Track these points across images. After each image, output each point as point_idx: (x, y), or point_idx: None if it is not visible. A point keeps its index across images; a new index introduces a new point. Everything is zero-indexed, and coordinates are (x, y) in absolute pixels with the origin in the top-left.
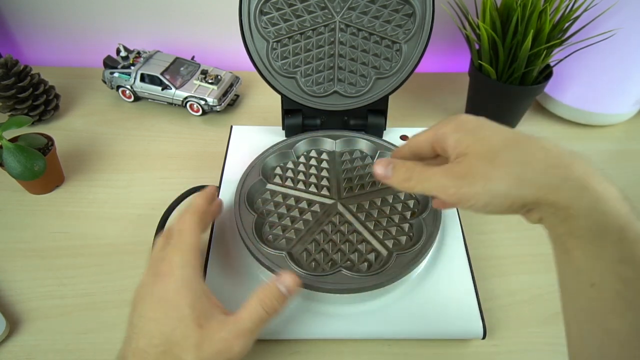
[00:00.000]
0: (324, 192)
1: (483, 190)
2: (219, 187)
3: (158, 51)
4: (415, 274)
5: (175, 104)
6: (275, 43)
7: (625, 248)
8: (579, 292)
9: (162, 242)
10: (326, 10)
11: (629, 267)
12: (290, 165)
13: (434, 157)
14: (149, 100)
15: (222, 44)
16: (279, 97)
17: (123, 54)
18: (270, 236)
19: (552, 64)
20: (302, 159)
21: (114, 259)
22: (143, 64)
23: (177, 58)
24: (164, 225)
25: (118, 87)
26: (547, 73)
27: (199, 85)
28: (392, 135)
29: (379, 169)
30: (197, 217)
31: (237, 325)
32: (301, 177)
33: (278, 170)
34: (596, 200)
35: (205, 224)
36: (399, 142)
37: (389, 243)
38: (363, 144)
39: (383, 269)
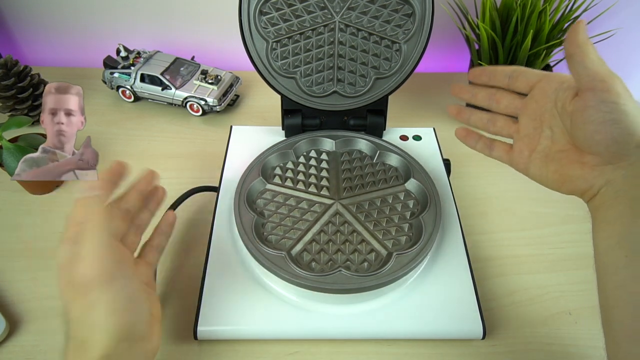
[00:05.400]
0: (324, 192)
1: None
2: (219, 187)
3: (158, 51)
4: (415, 274)
5: (175, 104)
6: (274, 43)
7: None
8: None
9: None
10: (326, 11)
11: None
12: (290, 165)
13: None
14: (149, 100)
15: (222, 44)
16: (278, 97)
17: (123, 54)
18: (270, 236)
19: (552, 64)
20: (302, 159)
21: None
22: (143, 64)
23: (177, 58)
24: None
25: (118, 87)
26: None
27: (199, 85)
28: (392, 135)
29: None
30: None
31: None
32: (301, 177)
33: (278, 170)
34: None
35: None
36: (399, 142)
37: (389, 243)
38: (363, 144)
39: (383, 269)
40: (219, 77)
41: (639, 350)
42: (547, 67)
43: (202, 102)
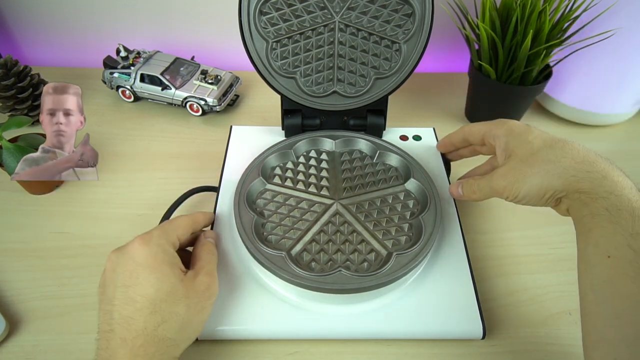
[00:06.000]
0: (324, 192)
1: (522, 184)
2: (219, 187)
3: (158, 51)
4: (415, 274)
5: (175, 104)
6: (274, 43)
7: (636, 224)
8: (597, 263)
9: None
10: (325, 11)
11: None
12: (290, 165)
13: (481, 145)
14: (149, 100)
15: (222, 44)
16: (278, 97)
17: (123, 54)
18: (270, 236)
19: (551, 64)
20: (301, 159)
21: None
22: (143, 64)
23: (177, 58)
24: None
25: (118, 87)
26: (546, 73)
27: (199, 85)
28: (392, 135)
29: (454, 190)
30: (191, 221)
31: (206, 269)
32: (301, 177)
33: (278, 170)
34: (613, 187)
35: (190, 233)
36: (399, 142)
37: (389, 243)
38: (363, 144)
39: (383, 269)
40: (219, 77)
41: (596, 355)
42: (547, 67)
43: (202, 102)
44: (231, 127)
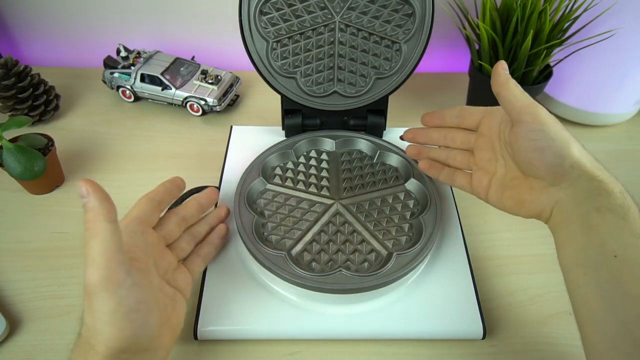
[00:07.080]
0: (324, 192)
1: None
2: (219, 187)
3: (158, 51)
4: (416, 274)
5: (175, 104)
6: (275, 43)
7: None
8: (602, 264)
9: None
10: (326, 11)
11: None
12: (290, 165)
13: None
14: (149, 100)
15: (222, 44)
16: (279, 97)
17: (123, 54)
18: (270, 236)
19: (552, 64)
20: (302, 159)
21: None
22: (143, 64)
23: (177, 58)
24: None
25: (118, 87)
26: (547, 73)
27: (199, 85)
28: (392, 135)
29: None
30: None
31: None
32: (301, 177)
33: (278, 170)
34: (623, 185)
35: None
36: (399, 142)
37: (389, 243)
38: (363, 144)
39: (383, 269)
40: (219, 77)
41: None
42: (547, 67)
43: (202, 102)
44: (231, 127)
